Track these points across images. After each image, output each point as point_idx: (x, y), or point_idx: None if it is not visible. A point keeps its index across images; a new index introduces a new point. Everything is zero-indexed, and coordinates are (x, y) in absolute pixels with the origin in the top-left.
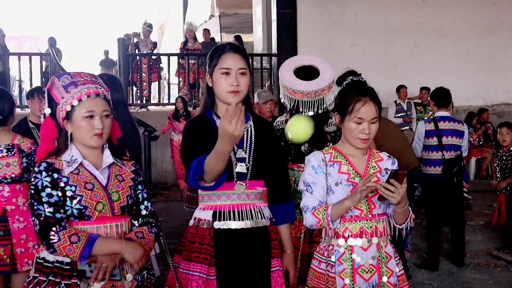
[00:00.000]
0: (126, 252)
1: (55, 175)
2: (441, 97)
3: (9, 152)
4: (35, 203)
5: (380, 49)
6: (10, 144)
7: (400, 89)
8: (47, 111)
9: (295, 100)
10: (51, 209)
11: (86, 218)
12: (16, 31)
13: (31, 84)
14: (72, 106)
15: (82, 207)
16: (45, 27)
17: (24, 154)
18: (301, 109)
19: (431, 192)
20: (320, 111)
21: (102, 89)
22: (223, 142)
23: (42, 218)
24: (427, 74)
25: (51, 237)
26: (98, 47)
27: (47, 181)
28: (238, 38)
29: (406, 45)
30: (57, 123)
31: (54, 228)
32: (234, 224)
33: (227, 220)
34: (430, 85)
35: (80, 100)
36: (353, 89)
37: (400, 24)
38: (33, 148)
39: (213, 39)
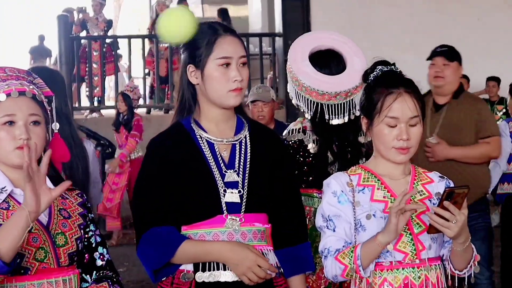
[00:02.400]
0: None
1: None
2: None
3: None
4: None
5: (428, 25)
6: None
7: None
8: None
9: (316, 103)
10: None
11: (22, 271)
12: None
13: None
14: None
15: (16, 256)
16: None
17: None
18: (326, 116)
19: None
20: (352, 117)
21: (32, 87)
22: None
23: None
24: (495, 58)
25: None
26: (31, 30)
27: None
28: (223, 12)
29: (465, 18)
30: None
31: None
32: (224, 276)
33: (214, 270)
34: (501, 74)
35: None
36: (383, 81)
37: None
38: None
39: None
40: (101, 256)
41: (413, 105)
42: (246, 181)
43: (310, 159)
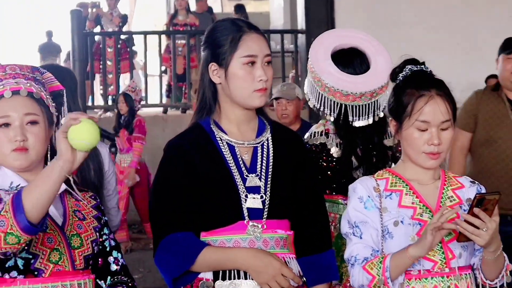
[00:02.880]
0: None
1: None
2: None
3: None
4: None
5: (457, 24)
6: None
7: (491, 80)
8: None
9: (340, 104)
10: None
11: (35, 273)
12: None
13: None
14: None
15: (30, 256)
16: None
17: None
18: (350, 118)
19: None
20: (376, 118)
21: (29, 84)
22: None
23: None
24: None
25: None
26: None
27: None
28: (240, 7)
29: (496, 16)
30: None
31: None
32: (246, 285)
33: (234, 278)
34: None
35: None
36: (413, 82)
37: None
38: None
39: (210, 8)
40: (116, 261)
41: (445, 108)
42: (268, 185)
43: (334, 163)
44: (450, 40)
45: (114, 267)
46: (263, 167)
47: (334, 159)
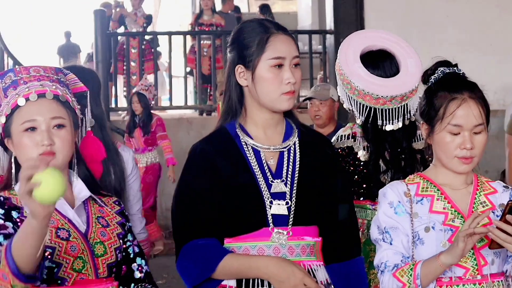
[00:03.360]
0: None
1: (15, 214)
2: None
3: None
4: None
5: (489, 25)
6: None
7: None
8: None
9: (369, 107)
10: None
11: (58, 282)
12: None
13: None
14: (8, 116)
15: (53, 266)
16: None
17: None
18: (379, 121)
19: None
20: (406, 122)
21: (55, 87)
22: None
23: None
24: None
25: None
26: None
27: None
28: (265, 7)
29: None
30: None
31: None
32: None
33: (258, 287)
34: None
35: (16, 107)
36: (445, 85)
37: None
38: None
39: (237, 8)
40: (140, 268)
41: (478, 112)
42: (294, 191)
43: (361, 167)
44: (482, 41)
45: (138, 274)
46: (289, 172)
47: (361, 163)
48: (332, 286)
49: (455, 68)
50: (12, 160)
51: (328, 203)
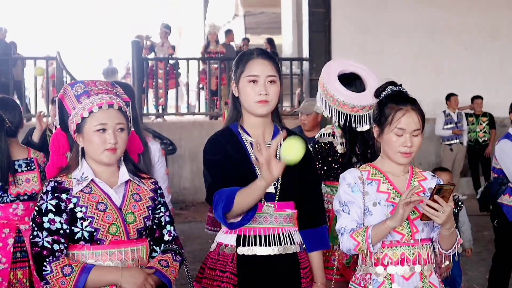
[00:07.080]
0: (123, 282)
1: (64, 196)
2: None
3: (28, 167)
4: (35, 228)
5: (425, 52)
6: (28, 158)
7: (451, 97)
8: (57, 122)
9: (346, 114)
10: (49, 239)
11: (98, 242)
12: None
13: (35, 91)
14: (83, 118)
15: (93, 230)
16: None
17: (41, 169)
18: (354, 125)
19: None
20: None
21: (118, 100)
22: (265, 185)
23: (37, 249)
24: (479, 81)
25: (43, 268)
26: (106, 52)
27: (51, 205)
28: (270, 41)
29: (455, 48)
30: (70, 135)
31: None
32: (260, 250)
33: (252, 245)
34: (483, 93)
35: (91, 112)
36: (393, 99)
37: (449, 24)
38: (46, 163)
39: (247, 39)
40: (169, 233)
41: (417, 119)
42: (280, 176)
43: (339, 158)
44: (418, 67)
45: (167, 237)
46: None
47: (339, 154)
48: (304, 246)
49: (400, 87)
50: (80, 150)
51: (303, 185)
